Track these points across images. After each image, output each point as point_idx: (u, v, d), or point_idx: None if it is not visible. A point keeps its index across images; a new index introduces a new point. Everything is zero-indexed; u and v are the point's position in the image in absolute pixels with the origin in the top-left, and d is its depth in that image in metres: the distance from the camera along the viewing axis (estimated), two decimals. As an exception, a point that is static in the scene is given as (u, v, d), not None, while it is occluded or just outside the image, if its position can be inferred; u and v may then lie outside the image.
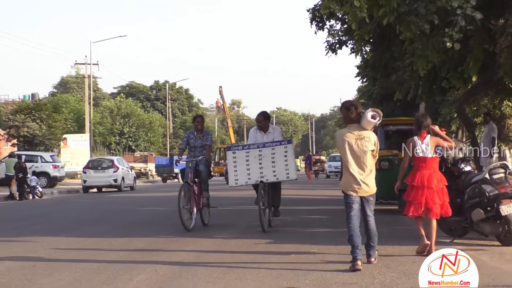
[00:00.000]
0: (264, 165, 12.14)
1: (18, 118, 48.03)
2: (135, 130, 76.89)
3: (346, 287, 7.08)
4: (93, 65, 59.35)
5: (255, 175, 12.15)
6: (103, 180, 35.16)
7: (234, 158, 12.45)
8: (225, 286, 7.23)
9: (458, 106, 20.54)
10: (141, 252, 10.20)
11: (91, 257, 9.78)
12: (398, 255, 9.31)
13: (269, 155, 12.21)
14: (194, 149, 13.43)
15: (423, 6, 11.46)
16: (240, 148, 12.90)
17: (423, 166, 9.49)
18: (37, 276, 8.21)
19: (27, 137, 46.49)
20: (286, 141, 12.85)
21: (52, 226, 15.57)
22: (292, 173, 12.29)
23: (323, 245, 10.65)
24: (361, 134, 8.48)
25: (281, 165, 12.18)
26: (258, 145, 12.48)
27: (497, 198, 9.84)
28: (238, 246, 10.55)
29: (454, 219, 10.65)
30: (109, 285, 7.43)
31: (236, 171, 12.39)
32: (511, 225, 9.88)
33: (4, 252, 10.71)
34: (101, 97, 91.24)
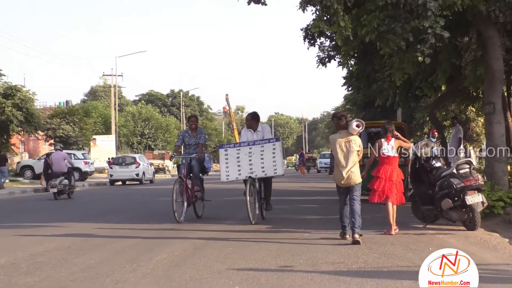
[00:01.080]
0: (254, 161, 11.60)
1: (55, 121, 48.10)
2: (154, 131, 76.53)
3: (334, 265, 7.10)
4: (118, 76, 59.28)
5: (245, 171, 11.57)
6: (127, 174, 35.27)
7: (226, 155, 11.82)
8: (232, 264, 7.26)
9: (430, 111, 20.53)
10: (161, 236, 10.24)
11: (117, 241, 9.81)
12: (378, 239, 9.33)
13: (258, 152, 11.64)
14: (189, 147, 12.93)
15: (399, 26, 11.46)
16: (231, 146, 12.34)
17: (387, 162, 10.25)
18: (71, 256, 8.25)
19: (62, 138, 46.54)
20: (274, 139, 12.07)
21: (83, 213, 15.61)
22: (279, 169, 11.72)
23: (315, 230, 10.71)
24: (348, 138, 9.29)
25: (269, 162, 11.60)
26: (248, 143, 11.92)
27: (463, 189, 9.96)
28: (242, 232, 10.56)
29: (426, 208, 10.78)
30: (132, 264, 7.46)
31: (228, 167, 11.74)
32: (475, 212, 10.00)
33: (43, 236, 10.74)
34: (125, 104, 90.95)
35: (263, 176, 11.77)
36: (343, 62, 17.92)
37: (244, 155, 11.64)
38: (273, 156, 11.59)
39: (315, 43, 16.86)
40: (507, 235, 9.49)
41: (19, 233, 11.23)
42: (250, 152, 11.63)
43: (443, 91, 18.95)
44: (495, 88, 13.04)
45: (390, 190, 10.08)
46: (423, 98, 21.00)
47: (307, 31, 16.20)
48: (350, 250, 8.22)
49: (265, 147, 11.66)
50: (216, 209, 14.04)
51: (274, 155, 11.60)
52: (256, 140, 11.93)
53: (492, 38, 12.76)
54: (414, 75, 16.48)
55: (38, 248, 9.11)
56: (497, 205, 11.25)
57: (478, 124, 27.91)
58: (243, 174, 11.58)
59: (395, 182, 10.15)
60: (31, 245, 9.54)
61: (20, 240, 10.25)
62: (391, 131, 10.50)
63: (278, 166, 11.62)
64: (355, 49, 15.44)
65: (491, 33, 12.71)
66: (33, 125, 43.48)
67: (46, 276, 6.82)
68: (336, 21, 11.45)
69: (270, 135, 12.62)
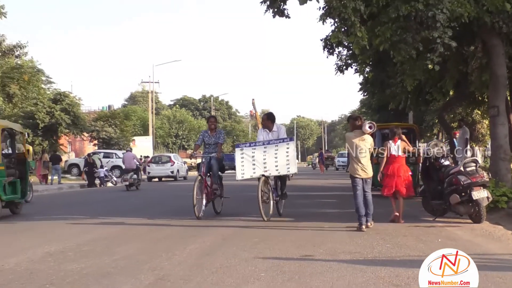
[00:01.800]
0: (268, 160, 11.04)
1: (98, 124, 48.68)
2: (187, 133, 76.76)
3: (351, 255, 7.08)
4: (155, 83, 59.76)
5: (260, 170, 11.02)
6: (163, 171, 35.50)
7: (242, 154, 11.22)
8: (258, 254, 7.26)
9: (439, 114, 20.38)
10: (192, 227, 10.27)
11: (154, 231, 9.88)
12: (392, 231, 9.28)
13: (272, 151, 11.06)
14: (209, 146, 12.35)
15: (410, 36, 11.40)
16: (247, 145, 11.79)
17: (394, 161, 10.65)
18: (113, 245, 8.31)
19: (105, 139, 47.11)
20: (288, 138, 11.43)
21: (124, 207, 15.73)
22: (292, 167, 11.21)
23: (333, 222, 10.66)
24: (362, 137, 9.83)
25: (283, 160, 11.01)
26: (263, 142, 11.35)
27: (469, 186, 9.93)
28: (267, 224, 10.53)
29: (436, 202, 10.74)
30: (168, 253, 7.49)
31: (243, 166, 11.15)
32: (480, 207, 9.98)
33: (88, 227, 10.86)
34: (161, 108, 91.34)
35: (277, 175, 11.35)
36: (360, 69, 17.91)
37: (259, 154, 11.16)
38: (287, 155, 11.06)
39: (334, 52, 16.84)
40: (510, 228, 9.40)
41: (68, 224, 11.35)
42: (265, 151, 11.16)
43: (451, 96, 18.83)
44: (499, 92, 12.95)
45: (400, 184, 10.53)
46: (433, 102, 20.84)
47: (326, 41, 16.18)
48: (365, 241, 8.19)
49: (279, 146, 11.15)
50: (235, 205, 13.76)
51: (287, 154, 11.08)
52: (271, 139, 11.41)
53: (496, 47, 12.68)
54: (424, 81, 16.45)
55: (84, 238, 9.21)
56: (501, 200, 11.27)
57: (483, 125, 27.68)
58: (257, 172, 11.07)
59: (402, 177, 10.59)
60: (78, 235, 9.66)
61: (68, 231, 10.37)
62: (398, 134, 10.93)
63: (291, 164, 11.13)
64: (370, 58, 15.41)
65: (495, 42, 12.63)
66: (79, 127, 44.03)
67: (91, 263, 6.87)
68: (353, 32, 11.43)
69: (285, 135, 11.87)
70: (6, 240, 9.41)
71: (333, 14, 12.06)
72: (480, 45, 14.51)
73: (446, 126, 20.68)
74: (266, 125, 11.85)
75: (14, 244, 8.83)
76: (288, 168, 11.13)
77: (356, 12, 11.24)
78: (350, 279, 5.62)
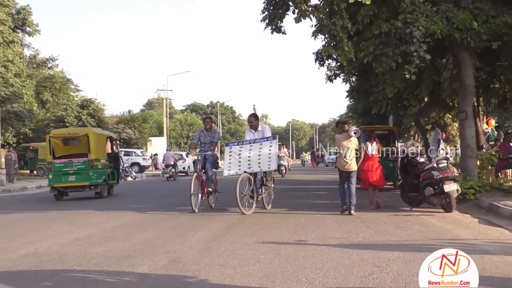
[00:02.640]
0: (252, 158, 10.58)
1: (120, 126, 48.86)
2: (197, 134, 77.14)
3: (339, 240, 7.07)
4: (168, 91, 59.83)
5: (244, 166, 10.57)
6: None
7: (230, 152, 10.87)
8: (258, 239, 7.26)
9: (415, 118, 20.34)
10: (201, 217, 10.26)
11: (168, 220, 9.87)
12: (374, 219, 9.28)
13: (257, 149, 10.63)
14: (204, 145, 11.70)
15: (390, 50, 11.40)
16: (235, 144, 11.33)
17: (369, 159, 11.36)
18: (132, 232, 8.32)
19: (125, 139, 47.18)
20: (272, 137, 10.91)
21: (142, 198, 15.74)
22: (273, 164, 10.63)
23: (323, 211, 10.66)
24: (349, 139, 10.36)
25: (265, 158, 10.51)
26: (249, 141, 10.90)
27: (441, 180, 9.98)
28: (266, 213, 10.56)
29: (412, 194, 10.78)
30: (180, 238, 7.49)
31: (230, 163, 10.75)
32: (451, 198, 10.04)
33: (110, 215, 10.85)
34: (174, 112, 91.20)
35: (259, 171, 10.82)
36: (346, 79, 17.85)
37: (245, 152, 10.74)
38: (269, 153, 10.57)
39: (324, 64, 16.85)
40: (476, 216, 9.40)
41: (93, 213, 11.37)
42: (250, 149, 10.71)
43: (426, 102, 18.82)
44: (467, 99, 12.96)
45: (372, 178, 11.22)
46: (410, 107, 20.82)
47: (317, 54, 16.21)
48: (351, 228, 8.20)
49: (263, 144, 10.69)
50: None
51: (270, 152, 10.59)
52: (256, 138, 10.97)
53: (465, 59, 12.69)
54: (403, 89, 16.50)
55: (107, 225, 9.22)
56: (469, 192, 11.25)
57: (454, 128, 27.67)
58: (242, 169, 10.61)
59: (375, 172, 11.27)
60: (102, 223, 9.67)
61: (93, 219, 10.37)
62: (374, 137, 11.69)
63: (272, 161, 10.59)
64: (356, 69, 15.39)
65: (464, 55, 12.63)
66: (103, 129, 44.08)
67: (113, 247, 6.88)
68: (341, 46, 11.45)
69: (269, 133, 11.36)
70: (40, 226, 9.43)
71: (324, 31, 12.08)
72: (451, 58, 14.51)
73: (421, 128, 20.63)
74: (254, 125, 11.34)
75: (46, 231, 8.84)
76: (269, 164, 10.62)
77: (344, 29, 11.26)
78: (338, 261, 5.62)
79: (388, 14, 11.67)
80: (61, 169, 15.66)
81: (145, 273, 5.28)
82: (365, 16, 11.64)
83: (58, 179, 15.60)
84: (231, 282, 4.77)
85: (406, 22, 11.01)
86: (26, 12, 44.53)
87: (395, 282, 4.66)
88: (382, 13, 11.73)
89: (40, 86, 46.27)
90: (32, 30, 46.07)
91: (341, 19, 11.17)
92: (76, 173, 15.64)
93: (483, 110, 21.09)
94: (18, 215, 11.72)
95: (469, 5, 11.44)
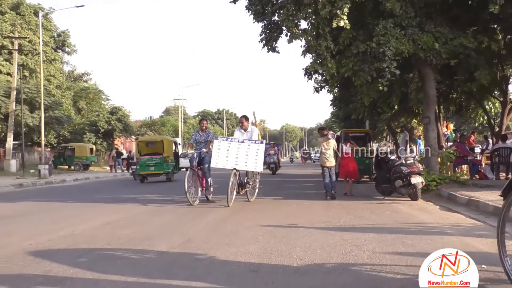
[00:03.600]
0: (239, 156, 9.84)
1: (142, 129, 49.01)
2: (207, 136, 77.01)
3: (324, 223, 7.04)
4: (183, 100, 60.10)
5: (231, 162, 9.82)
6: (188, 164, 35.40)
7: (219, 145, 10.02)
8: (257, 223, 7.23)
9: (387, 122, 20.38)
10: (209, 205, 10.24)
11: (182, 207, 9.81)
12: (354, 206, 9.26)
13: (245, 149, 9.87)
14: (200, 144, 10.81)
15: (367, 66, 11.40)
16: (225, 139, 10.30)
17: (345, 157, 11.88)
18: (152, 217, 8.30)
19: (147, 141, 47.26)
20: (260, 141, 10.23)
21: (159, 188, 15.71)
22: (259, 166, 9.91)
23: (311, 200, 10.65)
24: (328, 142, 11.10)
25: (252, 159, 9.82)
26: (238, 139, 10.10)
27: (409, 174, 9.95)
28: (264, 201, 10.52)
29: (385, 186, 10.74)
30: (192, 222, 7.48)
31: (218, 156, 9.91)
32: (417, 189, 10.01)
33: (132, 204, 10.82)
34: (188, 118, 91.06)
35: (244, 169, 10.08)
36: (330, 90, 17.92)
37: (233, 149, 9.91)
38: (256, 155, 9.85)
39: (312, 78, 16.87)
40: (438, 204, 9.38)
41: (118, 201, 11.34)
42: (238, 147, 9.90)
43: (396, 109, 18.87)
44: (430, 107, 12.97)
45: (349, 171, 11.80)
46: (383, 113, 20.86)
47: (306, 70, 16.22)
48: (334, 214, 8.17)
49: (251, 146, 9.91)
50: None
51: (257, 154, 9.86)
52: (245, 139, 10.15)
53: (428, 74, 12.70)
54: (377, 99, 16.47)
55: (131, 212, 9.20)
56: (431, 184, 11.24)
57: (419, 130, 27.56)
58: (229, 164, 9.84)
59: (351, 167, 11.84)
60: (127, 210, 9.63)
61: (120, 207, 10.33)
62: (348, 139, 12.75)
63: (258, 163, 9.88)
64: (338, 82, 15.41)
65: (427, 71, 12.65)
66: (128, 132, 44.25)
67: (137, 229, 6.86)
68: (325, 63, 11.46)
69: (257, 137, 10.79)
70: (76, 212, 9.42)
71: (311, 51, 12.11)
72: (416, 73, 14.54)
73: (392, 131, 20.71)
74: (244, 126, 10.56)
75: (80, 216, 8.82)
76: (256, 166, 9.90)
77: (328, 49, 11.27)
78: (323, 241, 5.61)
79: (364, 37, 11.69)
80: (145, 162, 19.44)
81: (163, 251, 5.26)
82: (345, 38, 11.66)
83: (143, 169, 19.42)
84: (234, 259, 4.76)
85: (380, 43, 11.01)
86: (65, 35, 44.65)
87: (370, 258, 4.65)
88: (359, 36, 11.75)
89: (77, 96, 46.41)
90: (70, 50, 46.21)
91: (325, 40, 11.18)
92: (155, 165, 19.43)
93: (443, 116, 21.08)
94: (59, 203, 11.71)
95: (432, 29, 11.45)
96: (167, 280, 3.97)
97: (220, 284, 3.83)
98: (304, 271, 4.20)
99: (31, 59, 38.40)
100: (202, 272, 4.23)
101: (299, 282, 3.82)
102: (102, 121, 43.13)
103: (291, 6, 11.12)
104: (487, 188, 10.49)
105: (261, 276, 4.06)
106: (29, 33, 37.53)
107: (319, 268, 4.32)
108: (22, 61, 36.78)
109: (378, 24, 11.23)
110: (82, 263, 4.67)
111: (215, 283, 3.86)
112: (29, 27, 38.59)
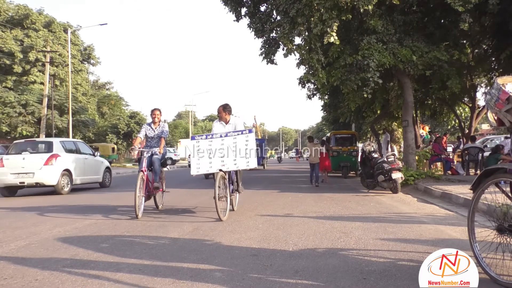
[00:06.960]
0: (226, 154, 6.76)
1: (158, 131, 48.72)
2: (214, 137, 76.79)
3: (316, 213, 7.01)
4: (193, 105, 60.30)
5: (217, 164, 6.70)
6: None
7: (198, 147, 6.89)
8: (257, 213, 7.19)
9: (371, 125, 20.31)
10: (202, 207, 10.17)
11: (185, 204, 9.76)
12: (342, 198, 9.23)
13: (231, 144, 6.79)
14: (151, 140, 7.92)
15: (353, 76, 11.39)
16: (203, 137, 7.01)
17: (323, 156, 13.45)
18: (166, 209, 8.23)
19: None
20: (247, 130, 6.95)
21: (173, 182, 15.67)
22: (252, 161, 6.74)
23: (304, 192, 10.62)
24: (316, 146, 13.09)
25: (242, 154, 6.73)
26: (220, 134, 6.92)
27: (390, 170, 9.95)
28: (263, 194, 10.50)
29: (369, 180, 10.71)
30: (200, 213, 7.45)
31: (199, 160, 6.83)
32: (397, 183, 9.99)
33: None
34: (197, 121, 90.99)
35: (235, 169, 6.95)
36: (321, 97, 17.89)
37: (216, 147, 6.83)
38: (246, 148, 6.76)
39: (305, 86, 16.86)
40: (415, 196, 9.36)
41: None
42: (222, 144, 6.83)
43: (379, 114, 18.81)
44: (408, 111, 12.96)
45: (325, 166, 13.79)
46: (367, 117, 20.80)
47: (300, 79, 16.19)
48: (325, 205, 8.14)
49: (238, 138, 6.83)
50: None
51: (246, 147, 6.77)
52: (228, 131, 7.01)
53: (407, 83, 12.69)
54: (362, 104, 16.50)
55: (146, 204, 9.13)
56: (410, 179, 11.26)
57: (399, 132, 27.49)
58: (214, 167, 6.71)
59: (326, 163, 13.84)
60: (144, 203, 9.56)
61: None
62: (323, 143, 14.11)
63: (250, 158, 6.76)
64: (328, 90, 15.37)
65: (406, 80, 12.64)
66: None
67: (152, 219, 6.84)
68: (317, 74, 11.44)
69: (243, 127, 7.37)
70: (99, 203, 9.38)
71: (304, 63, 12.12)
72: (396, 82, 14.52)
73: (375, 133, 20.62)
74: (222, 117, 7.34)
75: (103, 206, 8.79)
76: (248, 162, 6.75)
77: (319, 62, 11.26)
78: (315, 229, 5.58)
79: (351, 51, 11.67)
80: None
81: (175, 237, 5.23)
82: (334, 52, 11.64)
83: None
84: (237, 244, 4.73)
85: (364, 56, 11.00)
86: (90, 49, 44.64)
87: (356, 244, 4.63)
88: (347, 50, 11.73)
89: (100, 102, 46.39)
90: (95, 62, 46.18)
91: (317, 54, 11.17)
92: None
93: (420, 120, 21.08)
94: (86, 197, 11.68)
95: (409, 44, 11.45)
96: (178, 263, 3.95)
97: (225, 266, 3.81)
98: (299, 255, 4.17)
99: (61, 70, 38.49)
100: (208, 256, 4.21)
101: (294, 265, 3.80)
102: (123, 124, 43.22)
103: (287, 25, 11.12)
104: (459, 183, 10.47)
105: (261, 259, 4.04)
106: (59, 47, 37.67)
107: (311, 252, 4.30)
108: (53, 72, 36.89)
109: (363, 40, 11.24)
110: (104, 248, 4.65)
111: (220, 266, 3.83)
112: (59, 42, 38.69)
